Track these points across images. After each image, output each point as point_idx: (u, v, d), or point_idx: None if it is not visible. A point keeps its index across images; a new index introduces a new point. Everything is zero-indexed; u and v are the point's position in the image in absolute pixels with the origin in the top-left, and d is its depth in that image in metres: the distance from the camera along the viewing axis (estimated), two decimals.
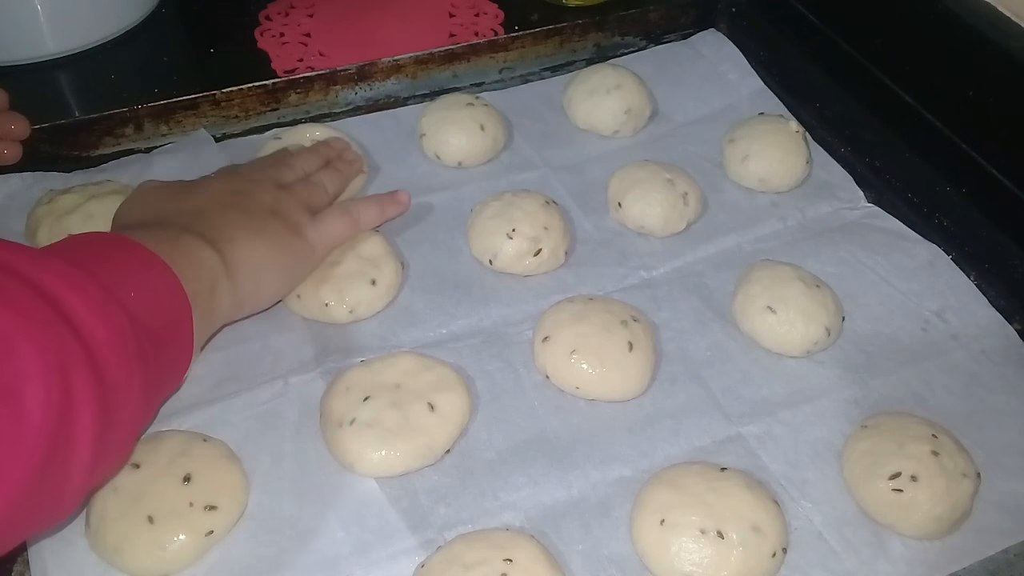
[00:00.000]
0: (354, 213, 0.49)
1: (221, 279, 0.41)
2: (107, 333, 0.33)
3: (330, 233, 0.48)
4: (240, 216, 0.44)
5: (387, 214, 0.52)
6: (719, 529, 0.38)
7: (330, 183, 0.51)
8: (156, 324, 0.37)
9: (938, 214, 0.56)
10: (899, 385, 0.47)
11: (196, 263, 0.40)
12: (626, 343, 0.45)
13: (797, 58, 0.65)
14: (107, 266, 0.36)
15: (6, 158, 0.55)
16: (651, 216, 0.53)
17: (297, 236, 0.46)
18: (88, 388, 0.32)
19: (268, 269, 0.44)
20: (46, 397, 0.30)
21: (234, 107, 0.61)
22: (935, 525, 0.40)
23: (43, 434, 0.30)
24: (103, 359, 0.33)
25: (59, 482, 0.32)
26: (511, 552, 0.37)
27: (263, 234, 0.44)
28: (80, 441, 0.32)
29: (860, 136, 0.61)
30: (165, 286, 0.38)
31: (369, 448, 0.41)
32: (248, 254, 0.43)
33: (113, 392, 0.33)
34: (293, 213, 0.47)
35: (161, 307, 0.38)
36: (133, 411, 0.36)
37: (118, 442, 0.36)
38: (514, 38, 0.66)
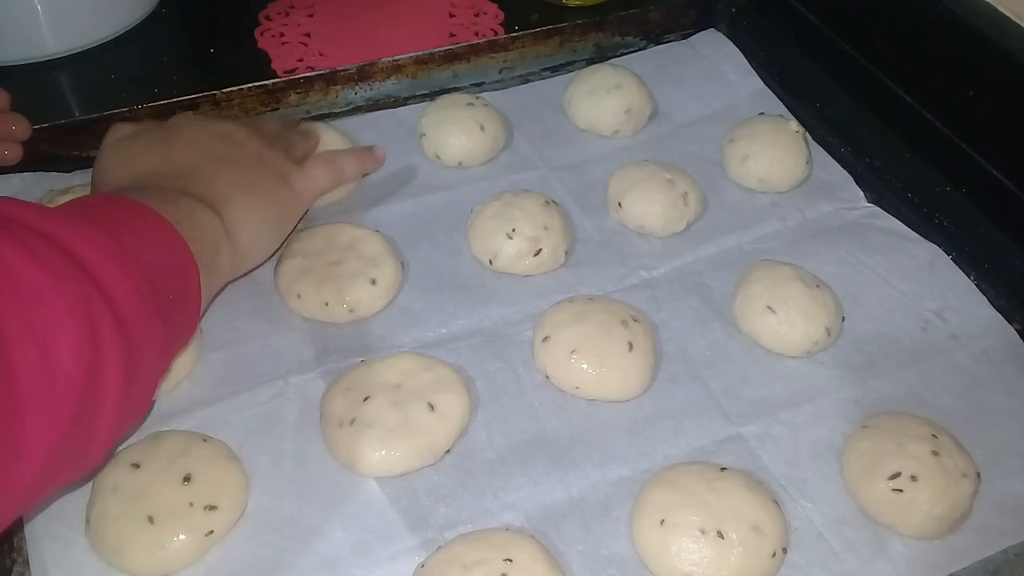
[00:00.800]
0: (337, 163, 0.51)
1: (222, 239, 0.42)
2: (128, 288, 0.34)
3: (316, 181, 0.49)
4: (232, 171, 0.45)
5: (366, 167, 0.53)
6: (719, 529, 0.38)
7: (300, 140, 0.52)
8: (169, 282, 0.38)
9: (938, 214, 0.56)
10: (899, 385, 0.47)
11: (198, 225, 0.41)
12: (626, 343, 0.45)
13: (797, 58, 0.65)
14: (121, 226, 0.37)
15: (7, 159, 0.56)
16: (651, 216, 0.53)
17: (286, 185, 0.47)
18: (114, 340, 0.32)
19: (263, 225, 0.45)
20: (78, 349, 0.31)
21: (234, 107, 0.61)
22: (935, 525, 0.40)
23: (76, 384, 0.31)
24: (125, 312, 0.33)
25: (89, 432, 0.33)
26: (511, 552, 0.37)
27: (256, 191, 0.45)
28: (109, 392, 0.32)
29: (860, 136, 0.61)
30: (173, 246, 0.39)
31: (369, 448, 0.41)
32: (244, 213, 0.44)
33: (136, 344, 0.34)
34: (279, 161, 0.47)
35: (172, 266, 0.39)
36: (153, 364, 0.36)
37: (140, 393, 0.36)
38: (514, 38, 0.66)
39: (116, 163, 0.45)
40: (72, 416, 0.31)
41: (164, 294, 0.37)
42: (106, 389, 0.32)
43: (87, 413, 0.32)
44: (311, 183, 0.48)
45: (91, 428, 0.33)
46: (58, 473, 0.33)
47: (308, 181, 0.48)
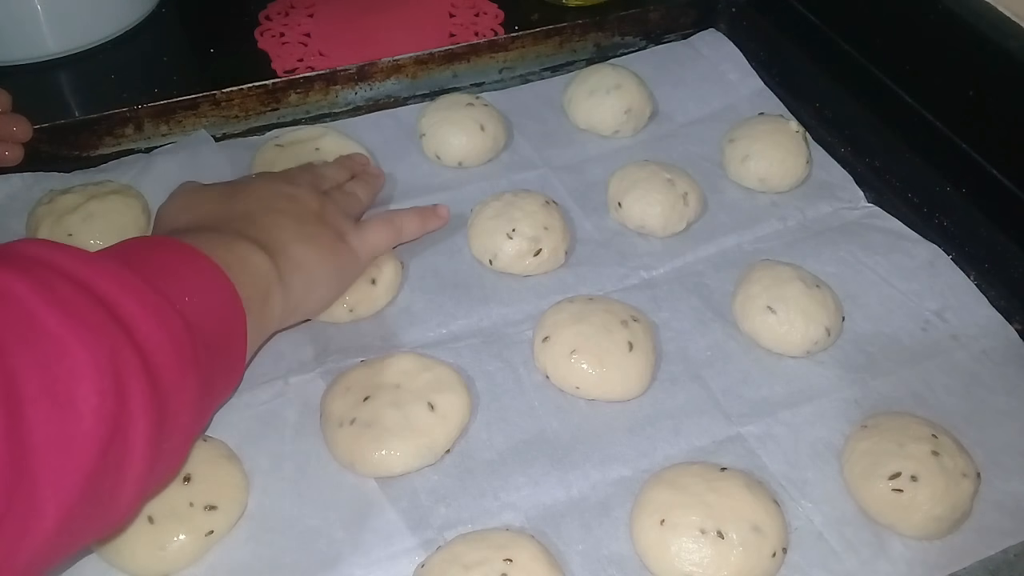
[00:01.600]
0: (396, 223, 0.50)
1: (274, 286, 0.41)
2: (163, 338, 0.32)
3: (373, 241, 0.48)
4: (291, 222, 0.44)
5: (428, 226, 0.52)
6: (719, 529, 0.38)
7: (362, 193, 0.52)
8: (211, 330, 0.36)
9: (938, 214, 0.56)
10: (899, 385, 0.47)
11: (250, 270, 0.40)
12: (626, 343, 0.45)
13: (797, 58, 0.65)
14: (162, 270, 0.36)
15: (8, 160, 0.56)
16: (651, 216, 0.53)
17: (343, 243, 0.46)
18: (143, 394, 0.31)
19: (318, 276, 0.44)
20: (99, 402, 0.29)
21: (234, 107, 0.61)
22: (935, 525, 0.40)
23: (96, 440, 0.29)
24: (159, 364, 0.32)
25: (113, 490, 0.31)
26: (511, 552, 0.37)
27: (313, 241, 0.44)
28: (135, 448, 0.31)
29: (860, 136, 0.61)
30: (220, 292, 0.38)
31: (369, 448, 0.41)
32: (300, 261, 0.43)
33: (168, 398, 0.32)
34: (337, 220, 0.47)
35: (215, 312, 0.37)
36: (188, 418, 0.35)
37: (172, 450, 0.35)
38: (514, 38, 0.66)
39: (178, 209, 0.45)
40: (90, 473, 0.29)
41: (206, 343, 0.35)
42: (131, 446, 0.31)
43: (110, 470, 0.30)
44: (367, 242, 0.47)
45: (115, 486, 0.31)
46: (78, 532, 0.31)
47: (365, 241, 0.47)
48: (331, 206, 0.47)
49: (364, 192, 0.52)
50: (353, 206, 0.50)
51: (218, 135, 0.60)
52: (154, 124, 0.60)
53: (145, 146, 0.60)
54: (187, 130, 0.60)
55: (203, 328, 0.35)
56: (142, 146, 0.60)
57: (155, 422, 0.31)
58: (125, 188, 0.54)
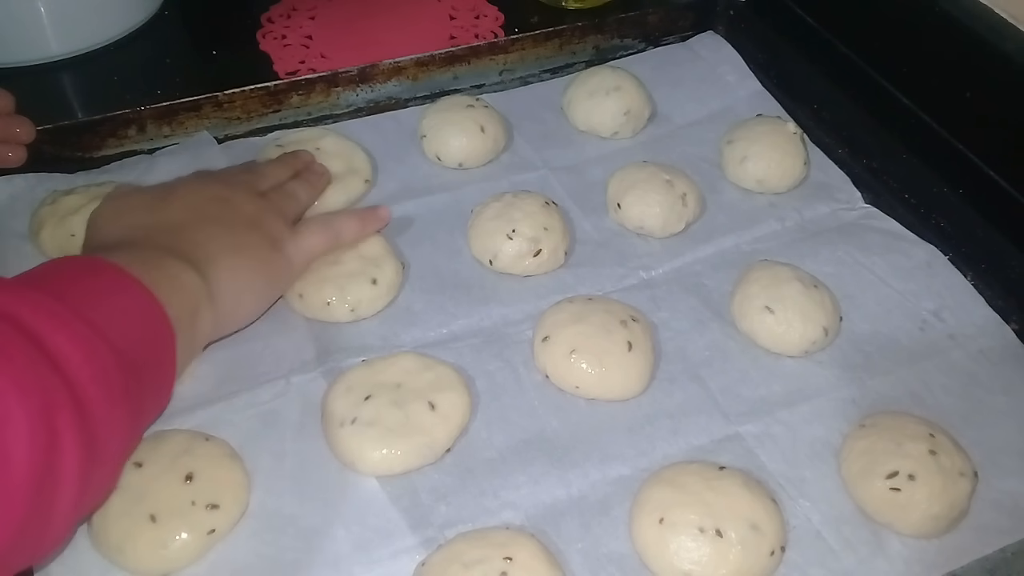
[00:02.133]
0: (335, 227, 0.49)
1: (203, 302, 0.41)
2: (92, 371, 0.33)
3: (309, 247, 0.47)
4: (221, 232, 0.44)
5: (368, 228, 0.51)
6: (718, 528, 0.38)
7: (303, 193, 0.51)
8: (139, 354, 0.36)
9: (935, 215, 0.56)
10: (897, 385, 0.47)
11: (179, 287, 0.40)
12: (625, 343, 0.45)
13: (795, 60, 0.66)
14: (89, 296, 0.36)
15: (10, 161, 0.56)
16: (650, 217, 0.54)
17: (276, 251, 0.45)
18: (73, 428, 0.31)
19: (248, 289, 0.44)
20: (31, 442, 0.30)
21: (236, 109, 0.61)
22: (933, 524, 0.40)
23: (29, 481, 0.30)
24: (88, 397, 0.32)
25: (44, 522, 0.32)
26: (511, 550, 0.37)
27: (244, 252, 0.44)
28: (65, 482, 0.32)
29: (858, 137, 0.61)
30: (148, 313, 0.38)
31: (370, 447, 0.42)
32: (229, 275, 0.42)
33: (98, 429, 0.33)
34: (272, 225, 0.46)
35: (144, 336, 0.37)
36: (118, 445, 0.36)
37: (103, 476, 0.36)
38: (514, 40, 0.66)
39: (108, 218, 0.44)
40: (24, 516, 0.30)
41: (135, 369, 0.36)
42: (62, 483, 0.31)
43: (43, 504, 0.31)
44: (302, 249, 0.47)
45: (48, 515, 0.32)
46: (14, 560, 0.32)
47: (300, 247, 0.47)
48: (267, 209, 0.46)
49: (305, 192, 0.51)
50: (292, 207, 0.49)
51: (220, 136, 0.61)
52: (157, 125, 0.60)
53: (148, 147, 0.60)
54: (189, 131, 0.61)
55: (132, 353, 0.36)
56: (145, 147, 0.60)
57: (85, 455, 0.32)
58: None
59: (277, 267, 0.45)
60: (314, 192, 0.52)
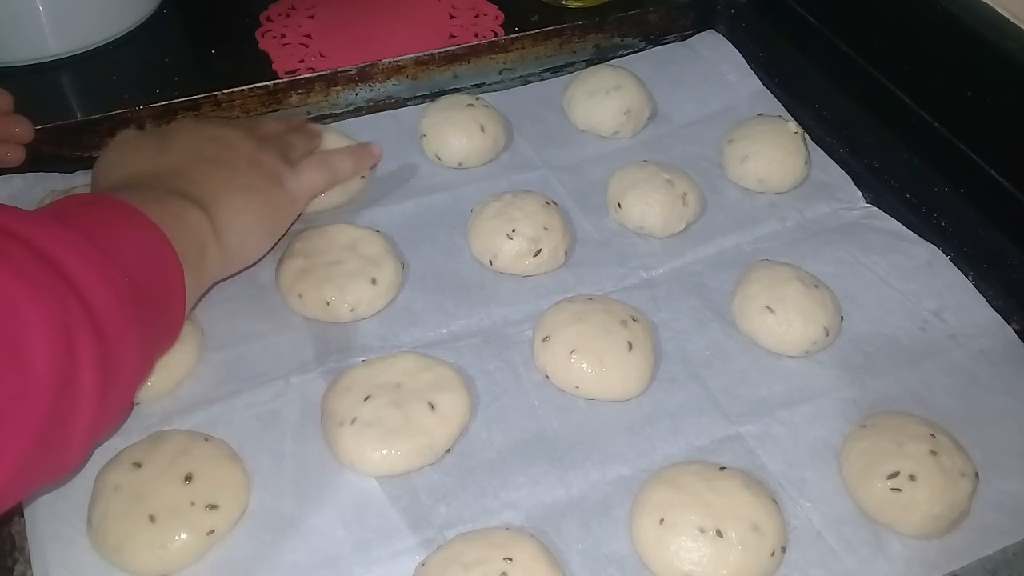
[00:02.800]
0: (331, 163, 0.50)
1: (209, 239, 0.42)
2: (107, 294, 0.34)
3: (309, 182, 0.48)
4: (223, 171, 0.45)
5: (362, 165, 0.52)
6: (718, 528, 0.38)
7: (300, 142, 0.51)
8: (150, 285, 0.38)
9: (936, 214, 0.56)
10: (897, 385, 0.47)
11: (185, 225, 0.41)
12: (626, 343, 0.45)
13: (796, 59, 0.66)
14: (102, 228, 0.37)
15: (9, 161, 0.56)
16: (651, 216, 0.54)
17: (278, 187, 0.47)
18: (90, 346, 0.32)
19: (252, 226, 0.45)
20: (51, 355, 0.31)
21: (235, 108, 0.61)
22: (933, 524, 0.40)
23: (48, 391, 0.31)
24: (104, 319, 0.33)
25: (63, 438, 0.33)
26: (511, 551, 0.37)
27: (246, 191, 0.45)
28: (83, 398, 0.32)
29: (859, 137, 0.61)
30: (157, 248, 0.39)
31: (370, 447, 0.41)
32: (233, 213, 0.43)
33: (113, 350, 0.34)
34: (271, 162, 0.47)
35: (154, 269, 0.38)
36: (132, 369, 0.36)
37: (117, 399, 0.37)
38: (514, 39, 0.66)
39: (112, 165, 0.46)
40: (43, 423, 0.31)
41: (146, 297, 0.37)
42: (80, 397, 0.32)
43: (60, 419, 0.32)
44: (304, 184, 0.48)
45: (65, 434, 0.33)
46: (32, 476, 0.33)
47: (301, 182, 0.48)
48: (265, 148, 0.47)
49: (302, 142, 0.52)
50: (290, 152, 0.50)
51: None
52: (156, 125, 0.60)
53: None
54: None
55: (143, 283, 0.37)
56: None
57: (101, 372, 0.33)
58: None
59: (278, 202, 0.46)
60: (309, 144, 0.53)
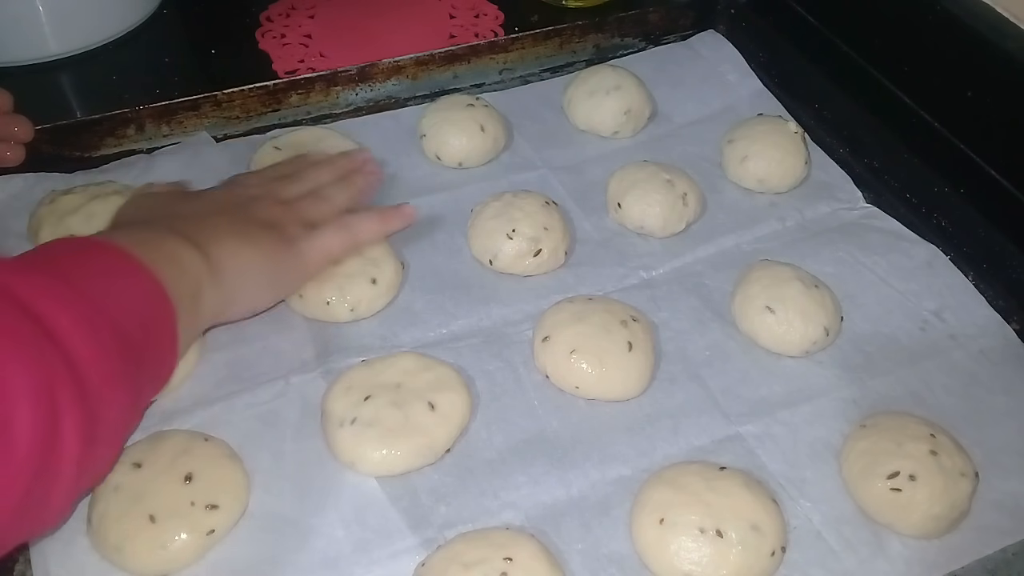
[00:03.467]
0: (352, 227, 0.47)
1: (204, 282, 0.41)
2: (92, 351, 0.33)
3: (323, 247, 0.46)
4: (229, 222, 0.43)
5: (389, 228, 0.48)
6: (718, 528, 0.38)
7: (339, 195, 0.48)
8: (140, 333, 0.37)
9: (936, 214, 0.56)
10: (897, 385, 0.47)
11: (179, 265, 0.40)
12: (626, 343, 0.45)
13: (796, 59, 0.66)
14: (90, 276, 0.36)
15: (9, 160, 0.56)
16: (650, 216, 0.54)
17: (287, 246, 0.44)
18: (73, 406, 0.32)
19: (253, 274, 0.43)
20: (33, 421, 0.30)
21: (235, 108, 0.61)
22: (933, 524, 0.40)
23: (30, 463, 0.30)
24: (88, 377, 0.33)
25: (43, 499, 0.32)
26: (511, 551, 0.37)
27: (250, 239, 0.43)
28: (65, 461, 0.32)
29: (859, 137, 0.61)
30: (148, 292, 0.38)
31: (370, 447, 0.41)
32: (233, 257, 0.42)
33: (98, 412, 0.33)
34: (288, 227, 0.45)
35: (145, 314, 0.37)
36: (117, 424, 0.36)
37: (102, 455, 0.36)
38: (514, 39, 0.66)
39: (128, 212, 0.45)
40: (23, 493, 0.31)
41: (135, 346, 0.36)
42: (62, 461, 0.32)
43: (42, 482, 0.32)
44: (316, 248, 0.45)
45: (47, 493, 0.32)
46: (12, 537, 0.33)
47: (314, 245, 0.45)
48: (284, 215, 0.45)
49: (343, 195, 0.48)
50: (319, 212, 0.47)
51: (219, 136, 0.61)
52: (155, 125, 0.60)
53: (147, 147, 0.60)
54: (188, 131, 0.60)
55: (133, 333, 0.36)
56: (144, 147, 0.60)
57: (85, 434, 0.32)
58: (127, 188, 0.54)
59: (285, 258, 0.44)
60: (354, 194, 0.49)
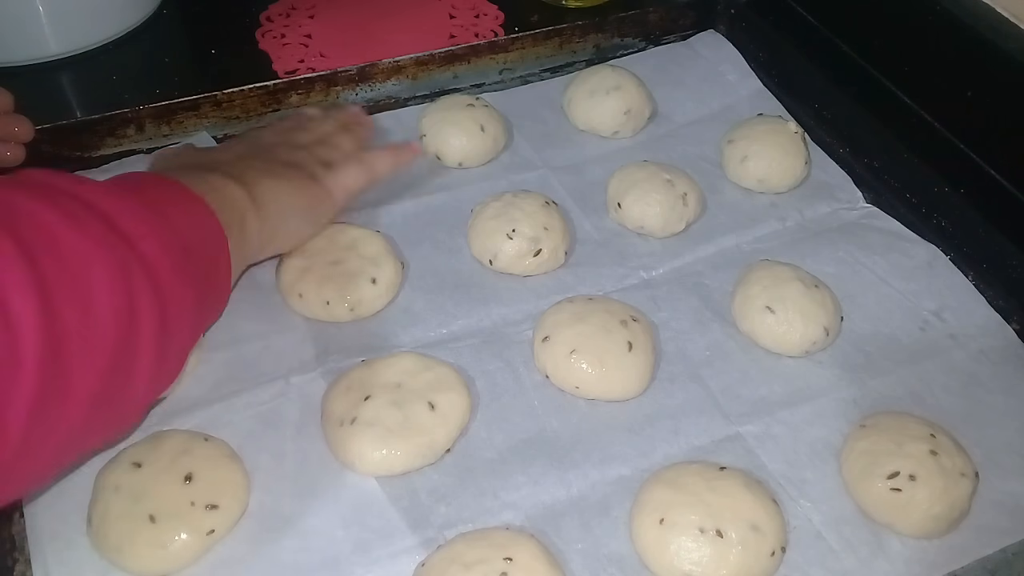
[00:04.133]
0: (368, 162, 0.51)
1: (250, 213, 0.44)
2: (165, 260, 0.36)
3: (346, 180, 0.49)
4: (261, 163, 0.47)
5: (400, 162, 0.53)
6: (718, 528, 0.38)
7: (346, 141, 0.52)
8: (201, 252, 0.40)
9: (936, 214, 0.56)
10: (897, 385, 0.47)
11: (226, 198, 0.43)
12: (626, 343, 0.45)
13: (796, 59, 0.66)
14: (157, 199, 0.39)
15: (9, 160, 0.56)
16: (650, 216, 0.54)
17: (315, 182, 0.48)
18: (149, 300, 0.35)
19: (291, 208, 0.47)
20: (116, 312, 0.33)
21: (235, 108, 0.61)
22: (933, 524, 0.40)
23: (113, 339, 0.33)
24: (160, 275, 0.36)
25: (125, 387, 0.35)
26: (511, 551, 0.37)
27: (283, 177, 0.47)
28: (143, 347, 0.35)
29: (858, 137, 0.61)
30: (204, 219, 0.41)
31: (370, 447, 0.41)
32: (272, 192, 0.45)
33: (169, 305, 0.36)
34: (309, 165, 0.49)
35: (203, 238, 0.41)
36: (185, 324, 0.38)
37: (173, 353, 0.38)
38: (514, 39, 0.66)
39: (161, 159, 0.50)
40: (108, 367, 0.33)
41: (198, 263, 0.39)
42: (140, 346, 0.35)
43: (123, 366, 0.34)
44: (340, 182, 0.49)
45: (127, 383, 0.35)
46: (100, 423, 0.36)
47: (338, 180, 0.49)
48: (305, 157, 0.49)
49: (348, 141, 0.52)
50: (331, 155, 0.51)
51: (219, 136, 0.61)
52: (155, 125, 0.60)
53: (147, 147, 0.60)
54: (188, 131, 0.60)
55: (195, 250, 0.39)
56: (143, 147, 0.60)
57: (159, 325, 0.35)
58: None
59: (316, 193, 0.48)
60: (357, 141, 0.53)
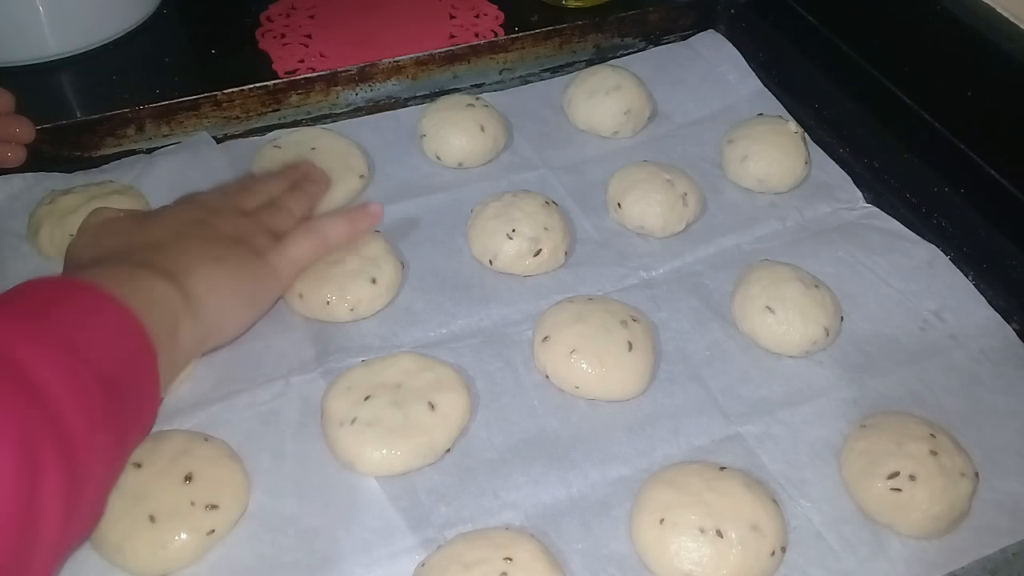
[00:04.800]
0: (320, 232, 0.47)
1: (182, 315, 0.40)
2: (74, 400, 0.32)
3: (295, 255, 0.46)
4: (198, 245, 0.42)
5: (358, 228, 0.48)
6: (718, 528, 0.38)
7: (296, 205, 0.49)
8: (121, 375, 0.36)
9: (936, 214, 0.56)
10: (898, 385, 0.47)
11: (155, 301, 0.39)
12: (626, 343, 0.45)
13: (796, 59, 0.66)
14: (67, 319, 0.35)
15: (10, 161, 0.56)
16: (650, 216, 0.54)
17: (260, 260, 0.44)
18: (55, 462, 0.31)
19: (231, 296, 0.43)
20: (15, 485, 0.29)
21: (235, 108, 0.61)
22: (933, 524, 0.40)
23: (13, 522, 0.29)
24: (71, 428, 0.32)
25: (27, 561, 0.31)
26: (511, 551, 0.37)
27: (223, 262, 0.42)
28: (48, 517, 0.31)
29: (859, 137, 0.61)
30: (127, 331, 0.37)
31: (370, 447, 0.41)
32: (209, 285, 0.41)
33: (81, 459, 0.32)
34: (256, 239, 0.45)
35: (125, 354, 0.37)
36: (102, 473, 0.35)
37: (87, 508, 0.35)
38: (514, 39, 0.66)
39: (82, 245, 0.44)
40: (6, 552, 0.29)
41: (118, 389, 0.35)
42: (45, 520, 0.31)
43: (24, 546, 0.30)
44: (288, 257, 0.45)
45: (30, 553, 0.31)
46: None
47: (284, 256, 0.45)
48: (249, 226, 0.45)
49: (299, 204, 0.49)
50: (281, 222, 0.47)
51: (219, 136, 0.61)
52: (155, 125, 0.60)
53: (147, 147, 0.60)
54: (188, 131, 0.60)
55: (115, 375, 0.35)
56: (143, 147, 0.60)
57: (69, 492, 0.31)
58: (127, 189, 0.54)
59: (260, 275, 0.44)
60: (309, 202, 0.50)
